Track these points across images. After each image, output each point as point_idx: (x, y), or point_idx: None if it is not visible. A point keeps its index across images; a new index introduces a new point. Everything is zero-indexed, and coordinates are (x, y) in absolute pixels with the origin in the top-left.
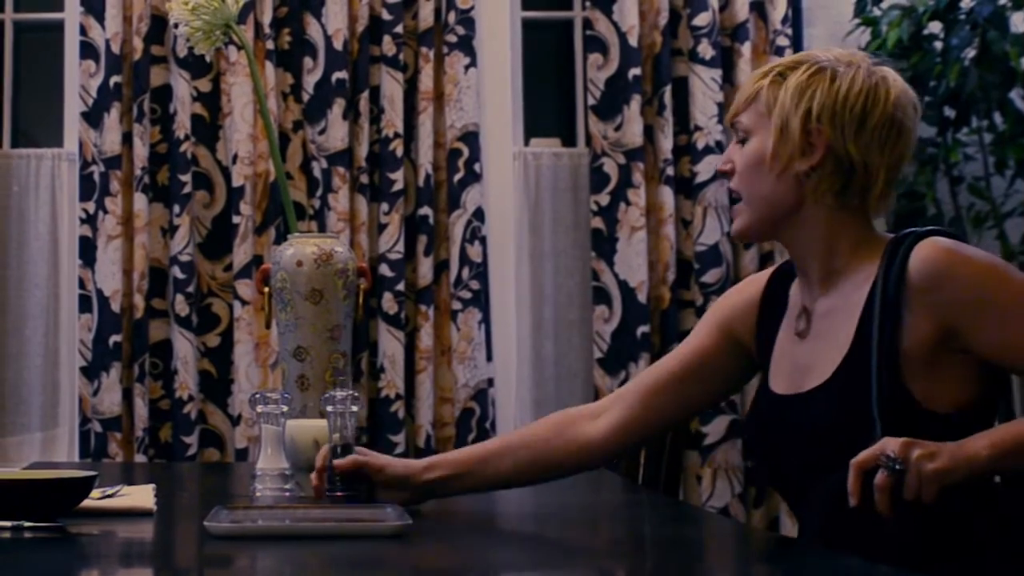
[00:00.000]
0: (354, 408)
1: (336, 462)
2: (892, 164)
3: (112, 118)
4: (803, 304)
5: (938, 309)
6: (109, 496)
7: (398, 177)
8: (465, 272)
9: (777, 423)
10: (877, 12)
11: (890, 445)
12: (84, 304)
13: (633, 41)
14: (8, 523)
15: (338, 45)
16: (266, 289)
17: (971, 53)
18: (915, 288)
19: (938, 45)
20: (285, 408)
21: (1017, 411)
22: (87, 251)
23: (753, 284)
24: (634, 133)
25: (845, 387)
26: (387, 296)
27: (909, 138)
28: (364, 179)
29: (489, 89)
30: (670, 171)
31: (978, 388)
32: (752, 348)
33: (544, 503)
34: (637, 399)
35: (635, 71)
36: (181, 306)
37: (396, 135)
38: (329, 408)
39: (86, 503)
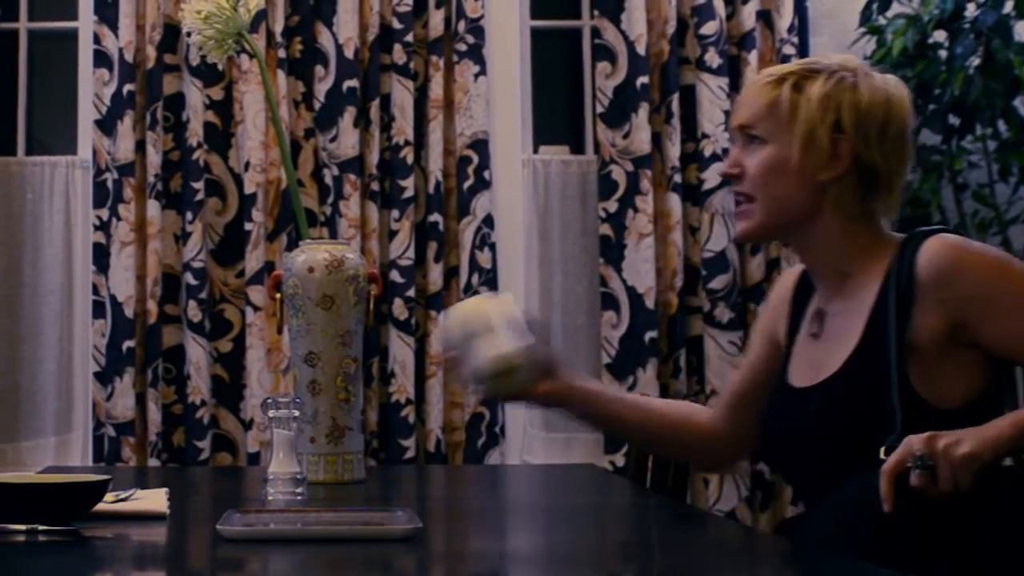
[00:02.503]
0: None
1: None
2: (905, 169)
3: (125, 126)
4: (818, 306)
5: (947, 304)
6: (122, 500)
7: (408, 184)
8: (475, 278)
9: (792, 414)
10: (882, 21)
11: (914, 444)
12: (98, 310)
13: (641, 50)
14: (23, 527)
15: (349, 53)
16: (278, 295)
17: (975, 61)
18: (924, 284)
19: (943, 54)
20: (296, 413)
21: (1021, 404)
22: (101, 257)
23: (785, 283)
24: (642, 141)
25: (854, 378)
26: (398, 302)
27: (912, 142)
28: (375, 186)
29: (498, 97)
30: (678, 178)
31: (983, 383)
32: (785, 345)
33: (552, 506)
34: (724, 416)
35: (643, 79)
36: (194, 312)
37: (406, 143)
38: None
39: (100, 507)
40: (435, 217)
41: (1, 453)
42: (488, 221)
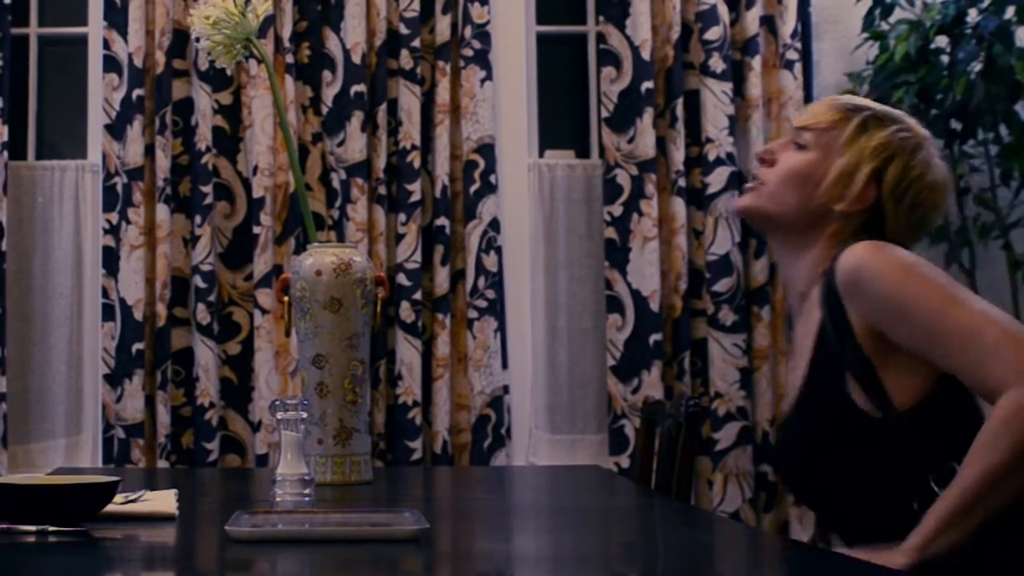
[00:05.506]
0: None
1: None
2: (909, 246)
3: (135, 130)
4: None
5: (861, 311)
6: (132, 501)
7: (415, 188)
8: (481, 281)
9: (782, 440)
10: (885, 26)
11: None
12: (107, 313)
13: (646, 55)
14: (33, 528)
15: (356, 59)
16: (286, 298)
17: (977, 67)
18: (842, 295)
19: (945, 59)
20: (304, 415)
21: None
22: (110, 261)
23: None
24: (647, 145)
25: (811, 398)
26: (404, 305)
27: (929, 230)
28: (382, 190)
29: (504, 102)
30: (682, 182)
31: (932, 379)
32: None
33: (558, 507)
34: None
35: (648, 84)
36: (203, 315)
37: (413, 147)
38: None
39: (109, 508)
40: (442, 221)
41: (12, 455)
42: (494, 225)
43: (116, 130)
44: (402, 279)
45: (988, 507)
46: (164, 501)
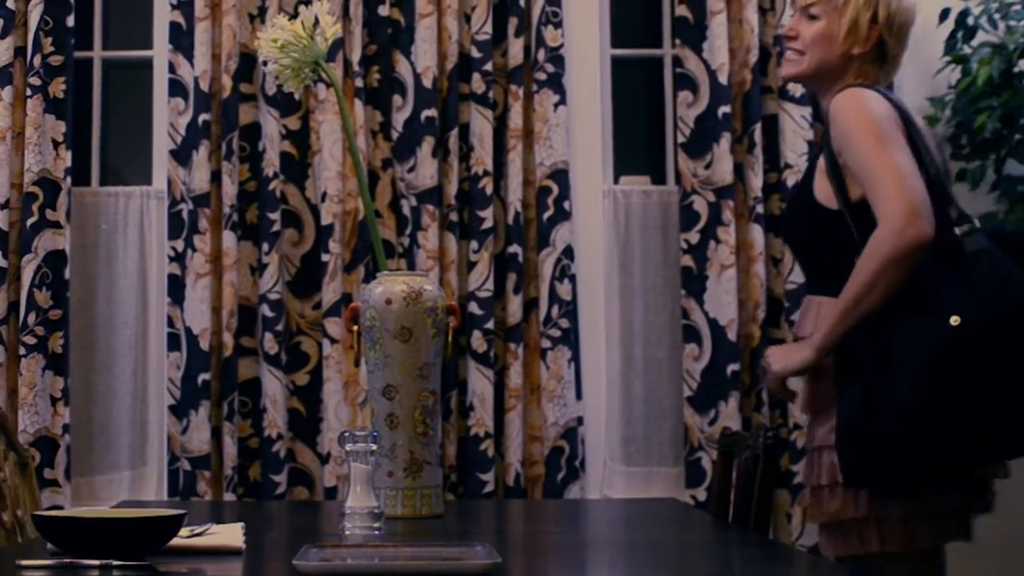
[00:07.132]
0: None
1: None
2: (902, 51)
3: (201, 156)
4: None
5: (833, 136)
6: (198, 535)
7: (487, 215)
8: (554, 310)
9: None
10: (967, 50)
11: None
12: (173, 342)
13: (723, 79)
14: (97, 562)
15: (427, 83)
16: (355, 327)
17: None
18: (830, 122)
19: None
20: (374, 447)
21: None
22: (176, 289)
23: None
24: (724, 171)
25: (795, 192)
26: (476, 334)
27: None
28: (453, 217)
29: (578, 127)
30: (760, 209)
31: None
32: None
33: (633, 541)
34: None
35: (725, 109)
36: (270, 344)
37: (485, 173)
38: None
39: (175, 542)
40: (514, 248)
41: (76, 487)
42: (568, 252)
43: (182, 155)
44: (474, 308)
45: (863, 312)
46: (231, 535)
